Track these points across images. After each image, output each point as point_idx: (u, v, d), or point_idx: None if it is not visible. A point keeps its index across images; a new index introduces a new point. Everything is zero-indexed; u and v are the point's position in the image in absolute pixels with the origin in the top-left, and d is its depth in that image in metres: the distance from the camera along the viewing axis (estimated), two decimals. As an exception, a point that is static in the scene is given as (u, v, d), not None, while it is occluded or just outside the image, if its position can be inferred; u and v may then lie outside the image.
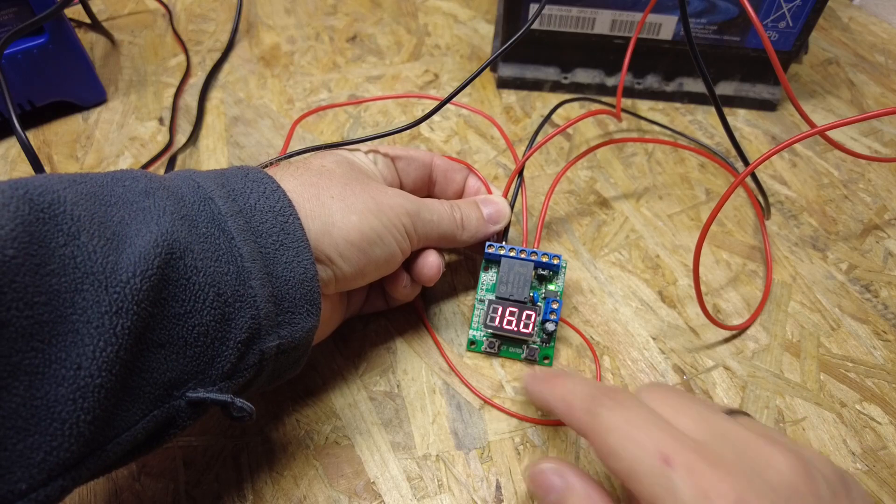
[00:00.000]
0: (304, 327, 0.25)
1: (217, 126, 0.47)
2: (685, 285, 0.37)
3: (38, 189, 0.19)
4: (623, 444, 0.21)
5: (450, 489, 0.29)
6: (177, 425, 0.22)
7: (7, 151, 0.45)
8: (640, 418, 0.22)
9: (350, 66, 0.52)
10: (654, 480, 0.20)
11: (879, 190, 0.43)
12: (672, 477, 0.20)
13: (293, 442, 0.31)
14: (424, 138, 0.47)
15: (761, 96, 0.49)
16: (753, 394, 0.33)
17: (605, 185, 0.43)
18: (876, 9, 0.60)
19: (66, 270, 0.19)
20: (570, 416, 0.24)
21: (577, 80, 0.50)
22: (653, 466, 0.20)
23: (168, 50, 0.54)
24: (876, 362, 0.34)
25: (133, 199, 0.22)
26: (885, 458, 0.30)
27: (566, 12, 0.45)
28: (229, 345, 0.23)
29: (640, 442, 0.21)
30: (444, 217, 0.32)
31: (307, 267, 0.25)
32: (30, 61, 0.43)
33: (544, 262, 0.33)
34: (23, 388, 0.17)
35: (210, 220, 0.23)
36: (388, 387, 0.33)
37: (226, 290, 0.22)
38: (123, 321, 0.19)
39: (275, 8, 0.59)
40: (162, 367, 0.21)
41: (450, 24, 0.57)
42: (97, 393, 0.19)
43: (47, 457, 0.18)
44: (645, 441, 0.21)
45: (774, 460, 0.20)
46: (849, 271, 0.38)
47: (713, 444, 0.21)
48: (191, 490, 0.29)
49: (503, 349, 0.34)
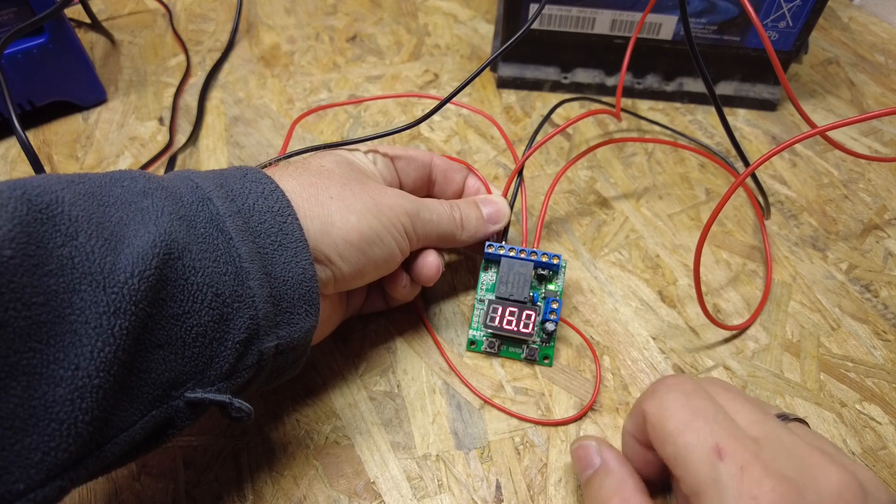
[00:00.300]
0: (302, 327, 0.25)
1: (217, 126, 0.47)
2: (685, 285, 0.37)
3: (37, 189, 0.19)
4: (680, 430, 0.21)
5: (450, 489, 0.29)
6: (175, 425, 0.22)
7: (7, 151, 0.45)
8: (702, 407, 0.22)
9: (350, 65, 0.52)
10: (701, 469, 0.20)
11: (879, 190, 0.43)
12: (721, 470, 0.20)
13: (293, 442, 0.31)
14: (424, 138, 0.47)
15: (761, 96, 0.49)
16: (753, 394, 0.33)
17: (605, 184, 0.43)
18: (876, 9, 0.60)
19: (64, 271, 0.19)
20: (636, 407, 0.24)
21: (577, 80, 0.50)
22: (704, 456, 0.20)
23: (168, 50, 0.54)
24: (876, 362, 0.34)
25: (131, 200, 0.22)
26: (885, 457, 0.30)
27: (566, 12, 0.45)
28: (228, 345, 0.23)
29: (698, 429, 0.21)
30: (443, 217, 0.32)
31: (305, 267, 0.25)
32: (30, 61, 0.43)
33: (544, 262, 0.33)
34: (21, 388, 0.17)
35: (208, 220, 0.23)
36: (388, 387, 0.33)
37: (224, 291, 0.22)
38: (121, 321, 0.19)
39: (275, 8, 0.59)
40: (160, 368, 0.21)
41: (450, 24, 0.57)
42: (95, 393, 0.19)
43: (45, 457, 0.18)
44: (703, 429, 0.21)
45: (827, 473, 0.20)
46: (849, 271, 0.38)
47: (768, 447, 0.21)
48: (191, 490, 0.29)
49: (503, 349, 0.34)
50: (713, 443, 0.20)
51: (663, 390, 0.23)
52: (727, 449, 0.20)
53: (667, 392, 0.23)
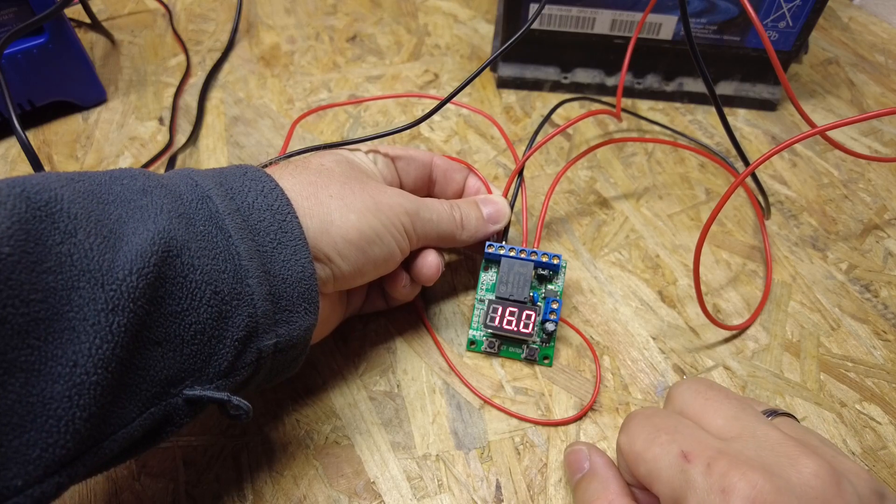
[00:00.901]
0: (301, 326, 0.25)
1: (217, 126, 0.47)
2: (685, 285, 0.37)
3: (36, 187, 0.19)
4: (646, 447, 0.22)
5: (450, 489, 0.29)
6: (174, 423, 0.22)
7: (7, 151, 0.45)
8: (663, 423, 0.23)
9: (350, 65, 0.52)
10: (673, 476, 0.21)
11: (879, 190, 0.43)
12: (690, 471, 0.20)
13: (293, 442, 0.31)
14: (424, 138, 0.46)
15: (761, 96, 0.49)
16: (753, 394, 0.33)
17: (605, 184, 0.43)
18: (876, 9, 0.60)
19: (63, 268, 0.19)
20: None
21: (577, 80, 0.50)
22: (673, 463, 0.21)
23: (168, 50, 0.54)
24: (876, 362, 0.34)
25: (130, 198, 0.22)
26: (885, 457, 0.30)
27: (566, 12, 0.45)
28: (226, 343, 0.23)
29: (662, 442, 0.22)
30: (443, 216, 0.32)
31: (305, 265, 0.25)
32: (30, 61, 0.43)
33: (544, 262, 0.33)
34: (19, 384, 0.17)
35: (207, 218, 0.23)
36: (388, 386, 0.33)
37: (223, 288, 0.22)
38: (120, 319, 0.19)
39: (275, 8, 0.59)
40: (159, 365, 0.21)
41: (450, 24, 0.57)
42: (93, 390, 0.18)
43: (43, 453, 0.18)
44: (666, 441, 0.22)
45: (801, 464, 0.20)
46: (849, 271, 0.38)
47: (739, 442, 0.21)
48: (191, 490, 0.29)
49: (503, 349, 0.34)
50: (677, 450, 0.21)
51: (628, 421, 0.25)
52: (692, 451, 0.21)
53: (630, 420, 0.25)
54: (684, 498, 0.20)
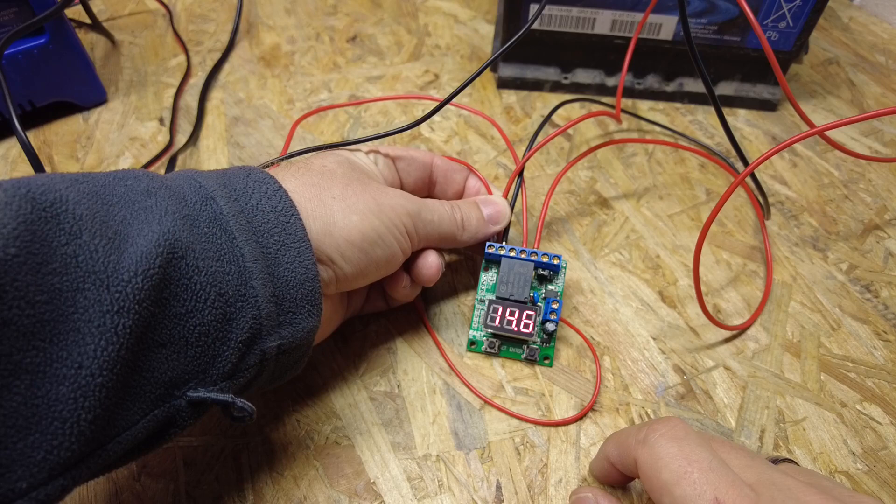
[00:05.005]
0: (304, 327, 0.25)
1: (217, 126, 0.47)
2: (685, 285, 0.37)
3: (41, 188, 0.19)
4: (675, 481, 0.21)
5: (450, 489, 0.29)
6: (177, 425, 0.22)
7: (7, 152, 0.45)
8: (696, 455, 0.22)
9: (350, 66, 0.52)
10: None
11: (879, 190, 0.43)
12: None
13: (293, 442, 0.31)
14: (425, 138, 0.47)
15: (761, 96, 0.49)
16: (754, 394, 0.33)
17: (605, 185, 0.43)
18: (876, 9, 0.60)
19: (68, 269, 0.19)
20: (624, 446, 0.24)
21: (577, 81, 0.50)
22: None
23: (168, 50, 0.54)
24: (876, 362, 0.34)
25: (135, 199, 0.22)
26: (886, 458, 0.30)
27: (566, 12, 0.45)
28: (230, 345, 0.23)
29: (694, 482, 0.21)
30: (444, 217, 0.32)
31: (308, 267, 0.25)
32: (30, 61, 0.43)
33: (544, 263, 0.33)
34: (24, 386, 0.17)
35: (212, 220, 0.23)
36: (389, 387, 0.33)
37: (227, 290, 0.22)
38: (125, 320, 0.19)
39: (275, 8, 0.59)
40: (163, 367, 0.21)
41: (450, 25, 0.57)
42: (98, 392, 0.19)
43: (48, 456, 0.18)
44: (699, 481, 0.21)
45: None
46: (849, 271, 0.38)
47: (765, 492, 0.21)
48: (191, 490, 0.29)
49: (503, 349, 0.34)
50: (712, 495, 0.20)
51: (654, 438, 0.23)
52: (726, 500, 0.20)
53: (658, 440, 0.23)
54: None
